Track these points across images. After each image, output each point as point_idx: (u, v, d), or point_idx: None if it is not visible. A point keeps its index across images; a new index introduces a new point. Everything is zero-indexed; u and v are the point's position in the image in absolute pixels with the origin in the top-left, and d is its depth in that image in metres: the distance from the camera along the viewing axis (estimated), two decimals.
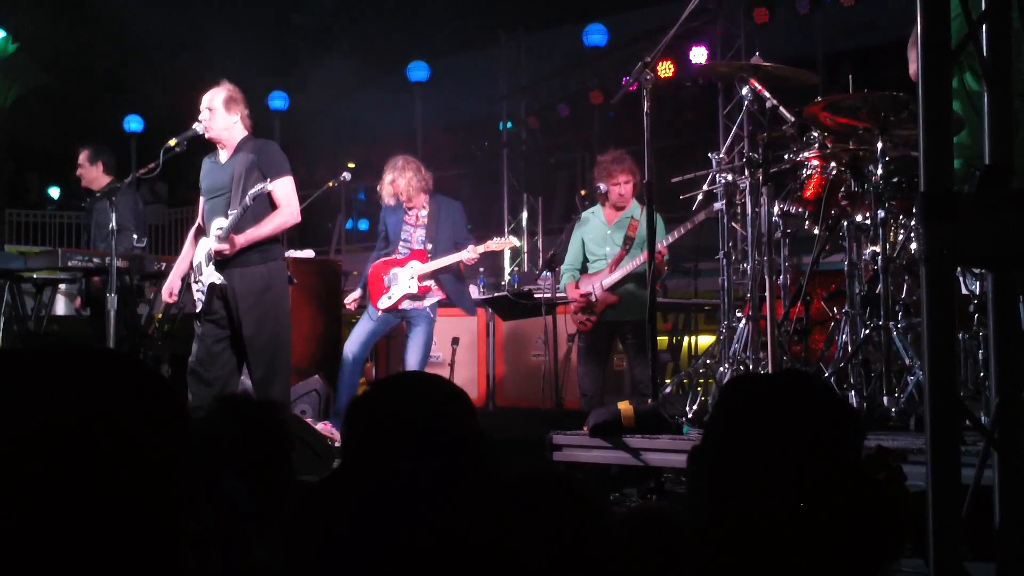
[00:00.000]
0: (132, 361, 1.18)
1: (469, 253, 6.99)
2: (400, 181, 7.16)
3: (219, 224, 5.76)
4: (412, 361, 7.03)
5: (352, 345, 7.22)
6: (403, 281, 7.11)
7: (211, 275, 5.73)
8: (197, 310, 5.86)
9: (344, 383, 7.14)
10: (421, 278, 7.07)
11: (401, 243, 7.24)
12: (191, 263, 6.00)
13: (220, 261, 5.72)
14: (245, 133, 5.91)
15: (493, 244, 7.10)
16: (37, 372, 1.10)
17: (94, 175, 8.06)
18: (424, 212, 7.22)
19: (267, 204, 5.78)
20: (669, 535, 2.45)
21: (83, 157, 8.08)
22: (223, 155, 5.91)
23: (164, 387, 1.17)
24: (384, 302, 7.16)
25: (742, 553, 1.57)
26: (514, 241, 7.20)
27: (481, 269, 10.79)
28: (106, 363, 1.13)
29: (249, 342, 5.72)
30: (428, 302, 7.12)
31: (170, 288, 6.04)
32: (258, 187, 5.65)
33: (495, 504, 1.67)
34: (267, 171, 5.74)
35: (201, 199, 6.06)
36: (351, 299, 7.58)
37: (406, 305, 7.12)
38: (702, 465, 1.64)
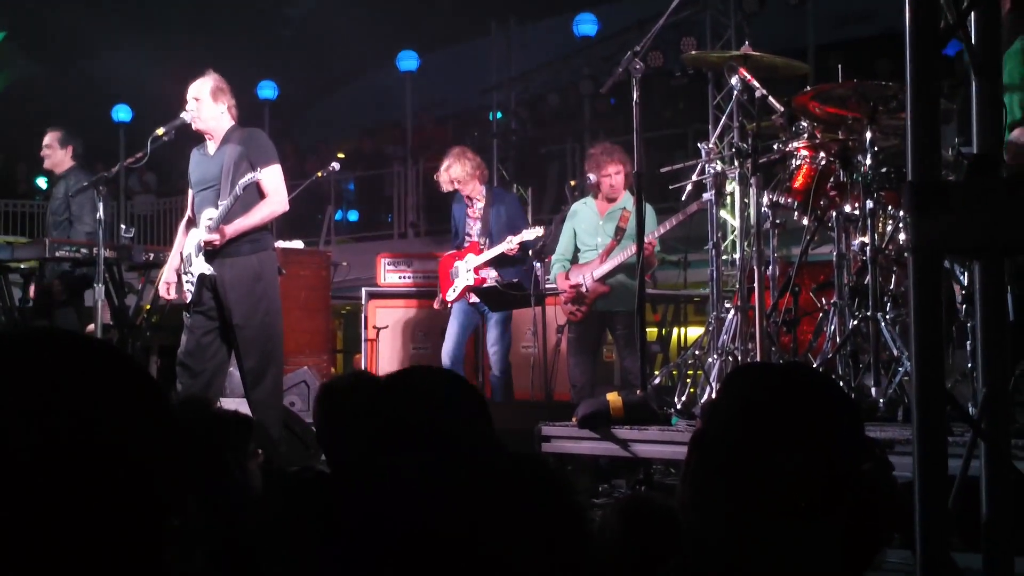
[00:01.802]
0: (114, 351, 1.16)
1: (507, 244, 7.27)
2: (455, 167, 7.55)
3: (209, 215, 5.73)
4: (493, 354, 7.44)
5: (446, 348, 7.58)
6: (463, 274, 7.51)
7: (201, 266, 5.70)
8: (187, 301, 5.83)
9: None
10: (476, 270, 7.41)
11: (466, 236, 7.64)
12: (182, 255, 5.97)
13: (210, 252, 5.69)
14: (232, 123, 5.87)
15: (528, 233, 7.27)
16: (12, 359, 1.08)
17: (60, 158, 7.89)
18: (480, 204, 7.57)
19: (256, 194, 5.75)
20: (660, 524, 2.45)
21: (53, 138, 7.88)
22: (211, 146, 5.87)
23: (146, 378, 1.15)
24: (450, 294, 7.57)
25: (738, 541, 1.56)
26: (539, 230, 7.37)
27: None
28: (86, 352, 1.11)
29: (239, 332, 5.68)
30: None
31: (167, 283, 5.98)
32: (247, 177, 5.62)
33: (489, 503, 1.66)
34: (255, 160, 5.71)
35: (190, 191, 6.02)
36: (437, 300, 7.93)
37: (475, 298, 7.42)
38: (704, 451, 1.63)
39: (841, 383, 4.95)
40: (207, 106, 5.79)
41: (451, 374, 2.09)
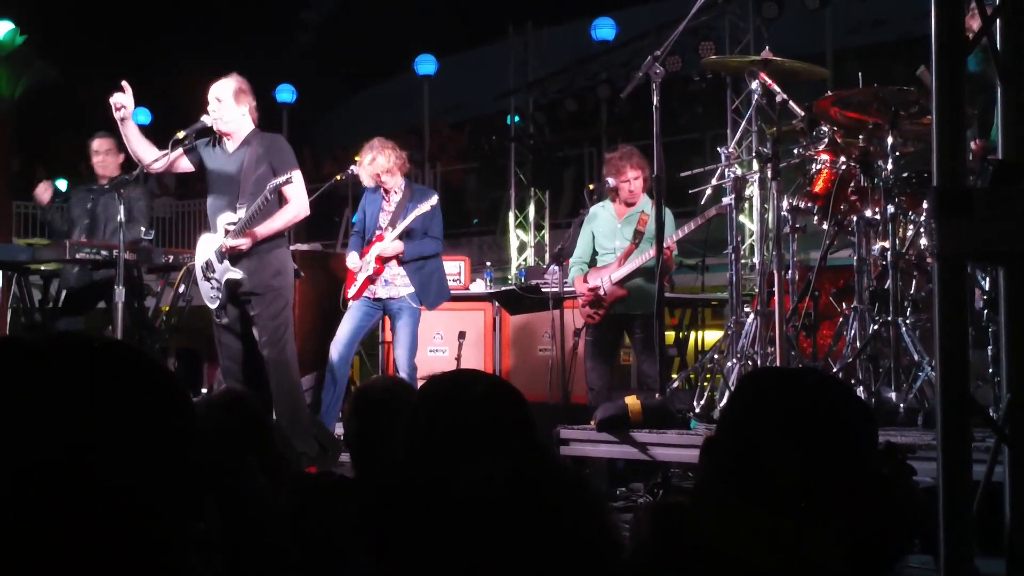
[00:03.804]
0: (137, 353, 1.16)
1: (393, 235, 6.84)
2: (380, 159, 6.94)
3: (228, 219, 5.74)
4: (400, 356, 6.85)
5: (336, 345, 6.95)
6: (365, 266, 6.94)
7: (228, 271, 5.73)
8: (213, 307, 5.84)
9: (328, 384, 6.86)
10: (378, 260, 6.88)
11: (376, 229, 7.04)
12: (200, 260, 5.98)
13: (234, 256, 5.73)
14: (252, 126, 5.90)
15: (422, 207, 6.85)
16: (38, 362, 1.09)
17: (114, 164, 7.76)
18: (398, 197, 7.04)
19: (277, 200, 5.79)
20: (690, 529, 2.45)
21: (107, 144, 7.78)
22: (228, 145, 5.91)
23: (169, 380, 1.15)
24: (351, 291, 7.03)
25: (751, 545, 1.56)
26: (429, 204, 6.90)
27: (488, 263, 10.78)
28: (110, 354, 1.12)
29: (262, 324, 5.75)
30: (405, 291, 6.90)
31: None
32: (275, 181, 5.65)
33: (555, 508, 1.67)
34: (277, 166, 5.74)
35: (183, 153, 6.02)
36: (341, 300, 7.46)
37: (382, 294, 6.92)
38: (716, 456, 1.63)
39: (861, 388, 4.94)
40: (229, 107, 5.82)
41: (492, 378, 2.08)
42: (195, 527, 1.15)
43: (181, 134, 5.91)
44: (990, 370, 4.40)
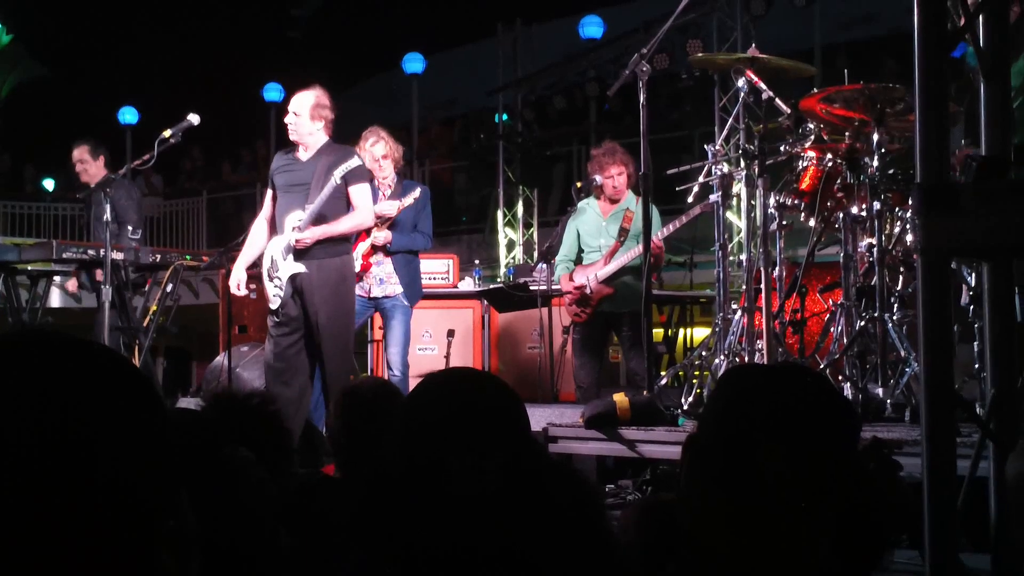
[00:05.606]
0: (105, 352, 1.15)
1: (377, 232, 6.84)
2: (380, 145, 7.02)
3: (295, 218, 5.87)
4: (394, 354, 6.88)
5: None
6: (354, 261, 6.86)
7: (291, 267, 5.81)
8: (273, 307, 5.92)
9: (316, 383, 6.82)
10: (364, 256, 6.87)
11: None
12: (259, 257, 6.04)
13: (298, 252, 5.81)
14: (327, 139, 6.03)
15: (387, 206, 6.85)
16: (38, 360, 1.08)
17: (96, 170, 7.76)
18: (389, 192, 7.08)
19: (344, 207, 5.91)
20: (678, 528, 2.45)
21: (84, 152, 7.81)
22: (303, 154, 6.03)
23: (138, 379, 1.14)
24: None
25: (735, 543, 1.56)
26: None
27: (477, 261, 10.77)
28: (76, 353, 1.11)
29: (324, 332, 5.81)
30: (399, 289, 6.92)
31: (237, 280, 6.09)
32: (342, 167, 5.76)
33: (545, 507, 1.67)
34: (349, 176, 5.88)
35: (269, 191, 6.15)
36: None
37: (376, 292, 6.91)
38: (697, 454, 1.63)
39: (848, 384, 4.95)
40: (305, 122, 5.97)
41: (486, 375, 2.08)
42: (167, 524, 1.14)
43: (167, 133, 5.95)
44: (976, 366, 4.41)
